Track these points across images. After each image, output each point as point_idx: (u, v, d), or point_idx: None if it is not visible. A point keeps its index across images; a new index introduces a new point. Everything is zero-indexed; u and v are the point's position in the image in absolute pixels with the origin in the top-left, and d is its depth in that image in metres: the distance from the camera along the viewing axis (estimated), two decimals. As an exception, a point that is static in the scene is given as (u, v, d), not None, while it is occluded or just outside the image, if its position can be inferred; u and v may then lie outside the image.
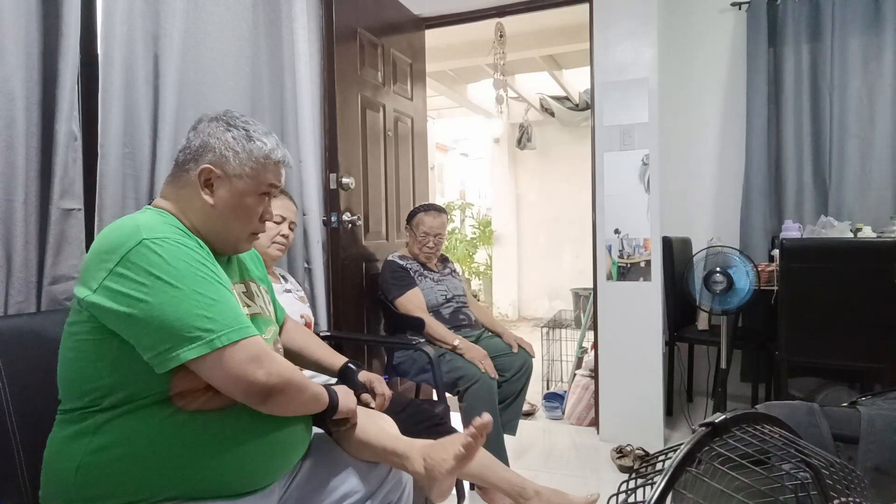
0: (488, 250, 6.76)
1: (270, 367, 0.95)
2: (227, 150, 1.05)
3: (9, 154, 1.28)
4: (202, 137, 1.06)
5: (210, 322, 0.91)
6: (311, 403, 1.07)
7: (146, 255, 0.91)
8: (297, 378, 1.01)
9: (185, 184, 1.06)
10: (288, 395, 0.99)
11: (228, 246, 1.10)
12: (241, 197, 1.06)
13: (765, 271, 2.50)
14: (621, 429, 2.69)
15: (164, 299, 0.89)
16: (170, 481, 0.94)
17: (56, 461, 0.97)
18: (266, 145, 1.08)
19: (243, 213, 1.08)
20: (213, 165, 1.04)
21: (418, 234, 2.46)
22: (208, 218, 1.06)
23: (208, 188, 1.05)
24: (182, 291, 0.90)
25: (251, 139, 1.06)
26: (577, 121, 5.81)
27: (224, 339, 0.91)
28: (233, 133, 1.06)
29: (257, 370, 0.93)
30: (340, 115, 2.38)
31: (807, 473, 0.64)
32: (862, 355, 2.17)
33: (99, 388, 0.94)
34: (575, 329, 3.75)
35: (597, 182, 2.74)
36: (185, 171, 1.06)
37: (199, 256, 0.97)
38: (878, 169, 2.78)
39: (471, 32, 3.83)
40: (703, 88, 3.14)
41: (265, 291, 1.25)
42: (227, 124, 1.07)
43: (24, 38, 1.31)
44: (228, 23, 1.92)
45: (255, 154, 1.06)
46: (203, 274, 0.94)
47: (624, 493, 0.66)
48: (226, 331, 0.92)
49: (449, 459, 1.12)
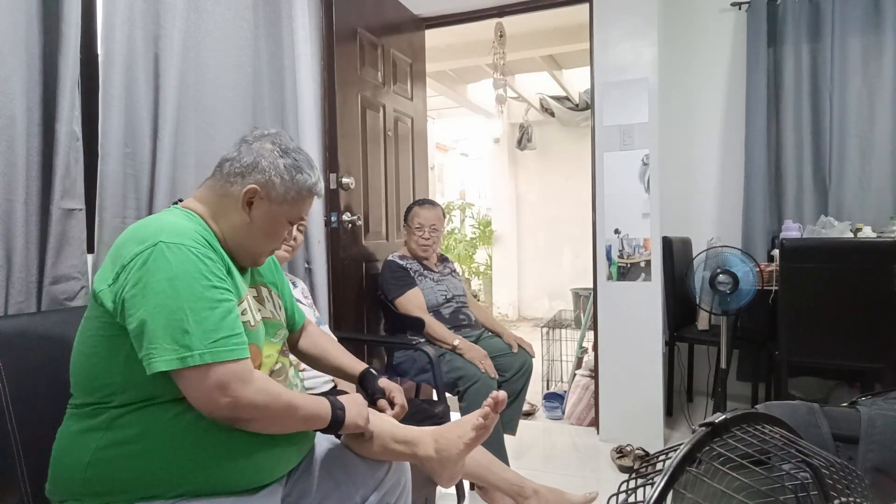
0: (488, 250, 6.75)
1: (239, 396, 0.93)
2: (276, 177, 1.07)
3: (9, 154, 1.28)
4: (254, 156, 1.08)
5: (188, 338, 0.90)
6: (302, 424, 1.06)
7: (157, 258, 0.92)
8: (277, 404, 0.98)
9: (226, 194, 1.08)
10: (264, 422, 0.98)
11: (248, 259, 1.13)
12: (275, 220, 1.10)
13: (765, 271, 2.50)
14: (621, 429, 2.69)
15: (155, 305, 0.90)
16: (179, 478, 0.95)
17: (66, 456, 0.97)
18: (310, 178, 1.11)
19: (273, 235, 1.12)
20: (260, 186, 1.07)
21: (413, 227, 2.47)
22: (239, 231, 1.09)
23: (248, 206, 1.08)
24: (174, 301, 0.91)
25: (300, 170, 1.10)
26: (577, 121, 5.80)
27: (197, 358, 0.90)
28: (285, 161, 1.09)
29: (221, 398, 0.92)
30: (340, 115, 2.38)
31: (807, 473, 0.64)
32: (862, 355, 2.17)
33: (110, 384, 0.96)
34: (575, 329, 3.75)
35: (597, 182, 2.74)
36: (230, 182, 1.08)
37: (207, 269, 0.96)
38: (878, 169, 2.78)
39: (471, 32, 3.83)
40: (703, 88, 3.14)
41: (277, 296, 1.26)
42: (282, 150, 1.10)
43: (24, 38, 1.31)
44: (229, 23, 1.92)
45: (300, 186, 1.10)
46: (203, 287, 0.94)
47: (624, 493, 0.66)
48: (200, 351, 0.90)
49: (462, 439, 1.13)
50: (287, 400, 1.00)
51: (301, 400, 1.04)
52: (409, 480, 1.31)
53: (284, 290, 1.32)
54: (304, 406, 1.04)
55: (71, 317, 1.19)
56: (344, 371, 1.37)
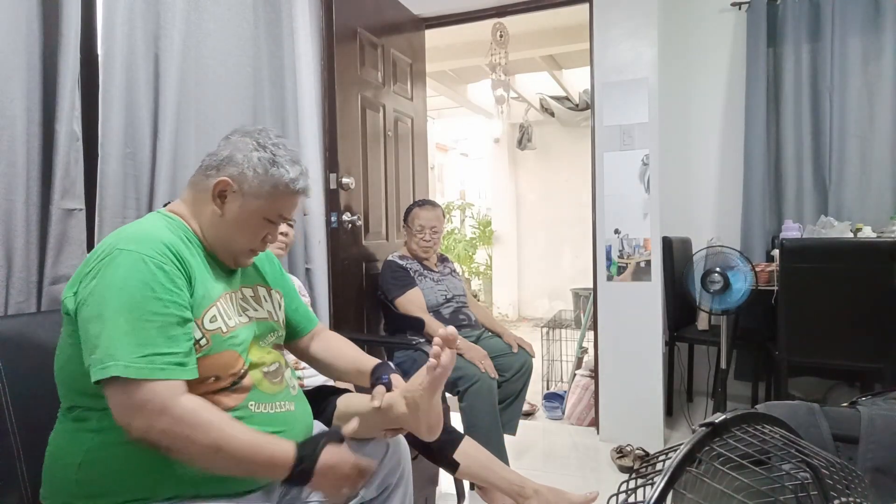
0: (488, 250, 6.75)
1: (153, 423, 0.87)
2: (249, 169, 1.06)
3: (9, 154, 1.28)
4: (230, 149, 1.07)
5: (116, 348, 0.87)
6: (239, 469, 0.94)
7: (108, 265, 0.92)
8: (202, 440, 0.89)
9: (203, 189, 1.08)
10: (184, 456, 0.91)
11: (229, 257, 1.11)
12: (249, 216, 1.07)
13: (765, 271, 2.50)
14: (621, 429, 2.69)
15: (97, 314, 0.90)
16: (171, 479, 0.95)
17: (58, 458, 0.97)
18: (289, 173, 1.07)
19: (247, 231, 1.08)
20: (232, 179, 1.06)
21: (414, 228, 2.47)
22: (213, 226, 1.08)
23: (220, 199, 1.06)
24: (114, 310, 0.89)
25: (276, 164, 1.06)
26: (577, 121, 5.80)
27: (120, 369, 0.86)
28: (259, 154, 1.06)
29: (134, 420, 0.87)
30: (340, 115, 2.38)
31: (807, 473, 0.64)
32: (862, 355, 2.17)
33: (90, 388, 0.94)
34: (575, 329, 3.75)
35: (597, 182, 2.74)
36: (206, 176, 1.08)
37: (156, 280, 0.92)
38: (878, 169, 2.78)
39: (471, 32, 3.83)
40: (703, 88, 3.14)
41: (277, 295, 1.24)
42: (258, 143, 1.07)
43: (24, 39, 1.31)
44: (229, 23, 1.92)
45: (275, 180, 1.06)
46: (145, 298, 0.90)
47: (624, 493, 0.66)
48: (124, 363, 0.86)
49: (422, 385, 1.12)
50: (214, 439, 0.90)
51: (240, 442, 0.92)
52: (409, 462, 1.31)
53: (290, 294, 1.30)
54: (242, 449, 0.92)
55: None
56: (362, 371, 1.28)
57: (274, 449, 0.96)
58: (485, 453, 1.59)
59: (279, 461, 0.95)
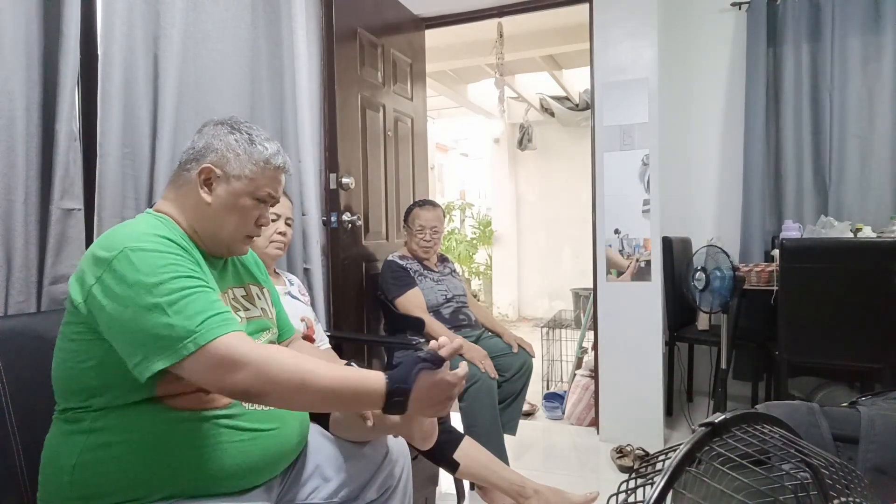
0: (488, 250, 6.75)
1: (236, 376, 0.88)
2: (229, 152, 1.07)
3: (9, 154, 1.28)
4: (206, 139, 1.08)
5: (173, 330, 0.88)
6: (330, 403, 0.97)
7: (125, 264, 0.91)
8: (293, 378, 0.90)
9: (185, 182, 1.08)
10: (277, 397, 0.91)
11: (223, 247, 1.11)
12: (238, 197, 1.07)
13: (765, 271, 2.50)
14: (621, 429, 2.69)
15: (134, 310, 0.89)
16: (165, 479, 0.95)
17: (53, 460, 0.97)
18: (267, 150, 1.09)
19: (238, 214, 1.08)
20: (214, 165, 1.06)
21: (414, 229, 2.47)
22: (204, 217, 1.07)
23: (207, 187, 1.07)
24: (149, 301, 0.89)
25: (253, 143, 1.08)
26: (577, 121, 5.80)
27: (190, 346, 0.88)
28: (235, 136, 1.08)
29: (224, 376, 0.88)
30: (340, 115, 2.38)
31: (807, 473, 0.64)
32: (862, 355, 2.17)
33: (87, 388, 0.95)
34: (575, 329, 3.75)
35: (597, 182, 2.74)
36: (186, 170, 1.08)
37: (174, 263, 0.94)
38: (878, 169, 2.78)
39: (471, 32, 3.83)
40: (703, 88, 3.14)
41: (268, 294, 1.25)
42: (231, 128, 1.09)
43: (24, 38, 1.31)
44: (228, 23, 1.92)
45: (256, 157, 1.08)
46: (172, 279, 0.92)
47: (624, 492, 0.66)
48: (188, 338, 0.88)
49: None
50: (296, 376, 0.90)
51: (324, 376, 0.91)
52: (409, 463, 1.31)
53: (275, 296, 1.31)
54: (326, 383, 0.91)
55: (71, 317, 1.19)
56: None
57: (361, 381, 0.94)
58: (485, 453, 1.59)
59: (370, 393, 0.93)
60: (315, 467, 1.18)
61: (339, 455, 1.20)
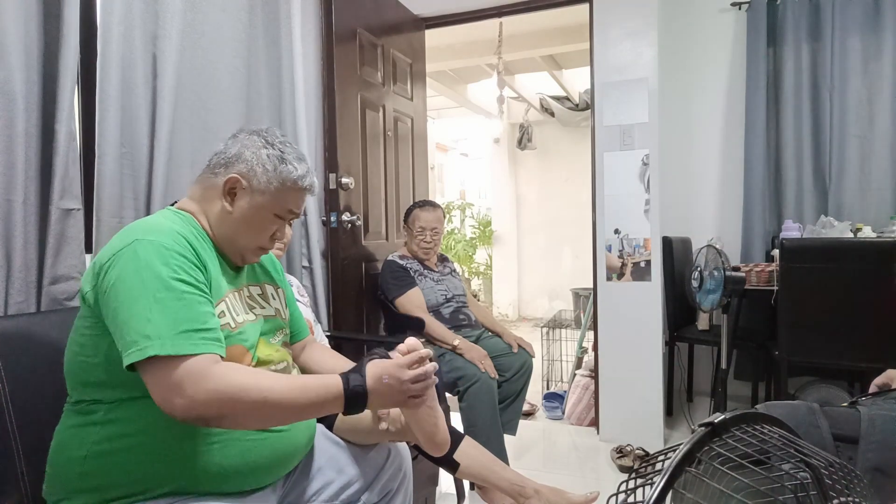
0: (488, 250, 6.75)
1: (194, 395, 0.85)
2: (258, 165, 1.07)
3: (9, 154, 1.28)
4: (238, 147, 1.09)
5: (150, 327, 0.87)
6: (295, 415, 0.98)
7: (131, 255, 0.92)
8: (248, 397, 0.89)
9: (211, 186, 1.09)
10: (235, 419, 0.91)
11: (237, 254, 1.12)
12: (258, 212, 1.08)
13: (765, 271, 2.50)
14: (621, 429, 2.69)
15: (125, 299, 0.90)
16: (175, 473, 0.95)
17: (63, 451, 0.97)
18: (297, 170, 1.10)
19: (256, 227, 1.09)
20: (241, 176, 1.07)
21: (415, 230, 2.47)
22: (223, 223, 1.08)
23: (230, 196, 1.08)
24: (141, 292, 0.89)
25: (284, 161, 1.09)
26: (577, 121, 5.80)
27: (157, 347, 0.86)
28: (268, 151, 1.08)
29: (175, 397, 0.85)
30: (340, 115, 2.38)
31: (806, 473, 0.64)
32: (862, 355, 2.16)
33: (98, 381, 0.96)
34: (575, 329, 3.75)
35: (597, 182, 2.73)
36: (214, 174, 1.09)
37: (177, 263, 0.94)
38: (878, 169, 2.78)
39: (471, 32, 3.83)
40: (703, 88, 3.14)
41: (283, 295, 1.25)
42: (266, 141, 1.10)
43: (24, 38, 1.31)
44: (226, 23, 1.92)
45: (284, 176, 1.08)
46: (171, 278, 0.91)
47: (623, 492, 0.66)
48: (161, 341, 0.86)
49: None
50: (258, 392, 0.89)
51: (284, 388, 0.93)
52: (410, 466, 1.32)
53: (289, 300, 1.31)
54: (288, 394, 0.92)
55: (70, 317, 1.18)
56: None
57: (320, 384, 0.96)
58: (485, 453, 1.59)
59: (330, 394, 0.95)
60: (318, 469, 1.19)
61: (342, 457, 1.21)
